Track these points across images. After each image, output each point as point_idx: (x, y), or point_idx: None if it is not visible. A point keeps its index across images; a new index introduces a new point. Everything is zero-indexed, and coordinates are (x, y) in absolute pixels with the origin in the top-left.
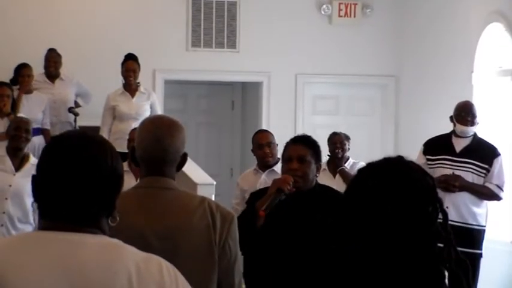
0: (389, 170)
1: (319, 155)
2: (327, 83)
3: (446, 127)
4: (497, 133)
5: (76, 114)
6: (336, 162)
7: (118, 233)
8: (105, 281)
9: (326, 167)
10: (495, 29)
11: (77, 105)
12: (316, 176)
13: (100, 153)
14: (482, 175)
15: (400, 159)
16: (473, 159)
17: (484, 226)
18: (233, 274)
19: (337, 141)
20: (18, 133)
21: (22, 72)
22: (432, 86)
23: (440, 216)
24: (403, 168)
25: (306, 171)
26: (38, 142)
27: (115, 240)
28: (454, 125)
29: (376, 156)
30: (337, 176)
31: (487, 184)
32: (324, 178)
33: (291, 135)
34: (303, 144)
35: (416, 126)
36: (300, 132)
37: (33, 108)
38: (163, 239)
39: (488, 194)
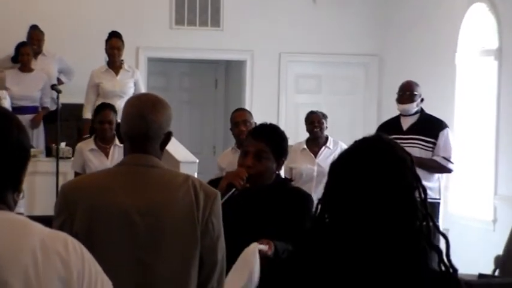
0: (368, 149)
1: (281, 150)
2: (310, 61)
3: (428, 106)
4: (480, 112)
5: (59, 91)
6: (316, 141)
7: (100, 209)
8: (9, 258)
9: (305, 146)
10: (478, 9)
11: (59, 82)
12: (277, 172)
13: (5, 126)
14: (430, 149)
15: (378, 137)
16: (419, 135)
17: (438, 199)
18: (216, 251)
19: (315, 119)
20: None
21: (22, 51)
22: (415, 65)
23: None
24: (382, 146)
25: (260, 170)
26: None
27: (21, 217)
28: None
29: (359, 135)
30: (318, 155)
31: (434, 157)
32: (304, 158)
33: (274, 114)
34: (264, 140)
35: None
36: (282, 111)
37: (30, 86)
38: (146, 216)
39: (436, 167)
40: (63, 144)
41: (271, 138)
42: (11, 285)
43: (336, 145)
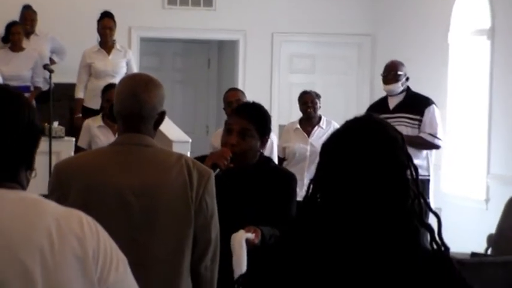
0: (360, 129)
1: (266, 128)
2: (304, 41)
3: (420, 85)
4: (473, 91)
5: (51, 71)
6: (309, 121)
7: (95, 189)
8: (24, 237)
9: (299, 126)
10: None
11: (52, 61)
12: (260, 151)
13: (17, 107)
14: (416, 126)
15: (369, 117)
16: (405, 113)
17: (427, 176)
18: (210, 230)
19: (308, 99)
20: None
21: (12, 30)
22: (408, 45)
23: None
24: (373, 125)
25: (245, 148)
26: None
27: (34, 195)
28: None
29: (352, 115)
30: (311, 134)
31: (420, 134)
32: (298, 137)
33: (267, 94)
34: (248, 117)
35: None
36: (276, 91)
37: (20, 65)
38: (140, 196)
39: (423, 143)
40: (55, 124)
41: (255, 116)
42: (27, 265)
43: (329, 125)
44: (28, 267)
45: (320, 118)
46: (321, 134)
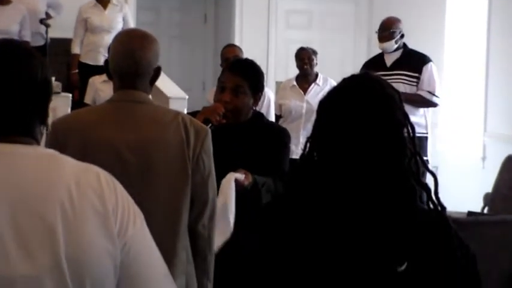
0: (357, 87)
1: (258, 85)
2: None
3: (417, 41)
4: (470, 47)
5: (47, 26)
6: (305, 78)
7: (91, 146)
8: (44, 193)
9: (295, 83)
10: None
11: (48, 16)
12: (253, 108)
13: (31, 64)
14: (414, 84)
15: (366, 75)
16: (403, 70)
17: (425, 133)
18: (207, 188)
19: (305, 56)
20: None
21: None
22: (405, 1)
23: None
24: (370, 83)
25: (238, 105)
26: None
27: (51, 151)
28: None
29: (348, 72)
30: (307, 92)
31: (418, 91)
32: (294, 94)
33: (264, 50)
34: (241, 74)
35: None
36: (272, 47)
37: (7, 20)
38: (136, 152)
39: (420, 101)
40: (52, 79)
41: (249, 73)
42: (48, 220)
43: (325, 82)
44: (49, 222)
45: (317, 75)
46: (318, 91)
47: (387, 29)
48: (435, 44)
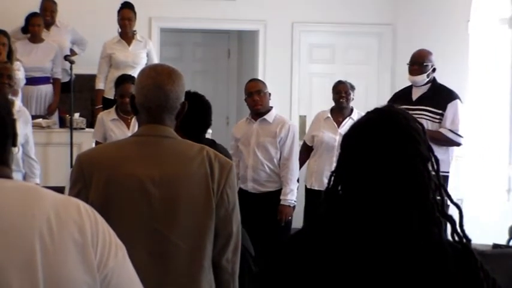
0: (381, 120)
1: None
2: (324, 31)
3: (440, 76)
4: (494, 82)
5: (72, 62)
6: (340, 111)
7: (116, 180)
8: (23, 225)
9: (330, 115)
10: None
11: (72, 53)
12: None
13: None
14: (437, 121)
15: (390, 108)
16: (428, 106)
17: (447, 172)
18: (231, 222)
19: (342, 89)
20: (1, 80)
21: (32, 21)
22: (428, 34)
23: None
24: (394, 116)
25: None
26: (45, 91)
27: (32, 184)
28: None
29: (372, 105)
30: (341, 125)
31: (440, 129)
32: (327, 126)
33: (288, 84)
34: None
35: None
36: (296, 81)
37: (41, 57)
38: (162, 187)
39: (442, 139)
40: (76, 115)
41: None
42: (27, 251)
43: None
44: (28, 254)
45: (352, 110)
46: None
47: (419, 62)
48: (459, 76)
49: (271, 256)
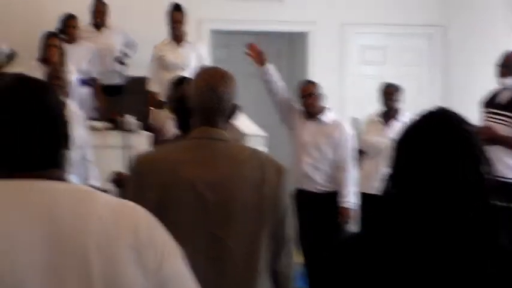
0: (434, 123)
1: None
2: (374, 33)
3: (494, 78)
4: None
5: (123, 64)
6: (389, 114)
7: (170, 184)
8: (79, 228)
9: (379, 118)
10: None
11: (124, 55)
12: None
13: (42, 91)
14: None
15: (443, 110)
16: (507, 111)
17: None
18: (286, 227)
19: (390, 92)
20: (54, 82)
21: (69, 23)
22: (480, 35)
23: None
24: (447, 119)
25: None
26: (85, 92)
27: (85, 187)
28: None
29: (424, 107)
30: (390, 127)
31: None
32: (376, 129)
33: (338, 85)
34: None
35: (464, 77)
36: (347, 82)
37: (78, 58)
38: (215, 190)
39: None
40: (129, 117)
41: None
42: (83, 255)
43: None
44: (82, 257)
45: (401, 112)
46: (400, 127)
47: (506, 65)
48: None
49: (327, 260)
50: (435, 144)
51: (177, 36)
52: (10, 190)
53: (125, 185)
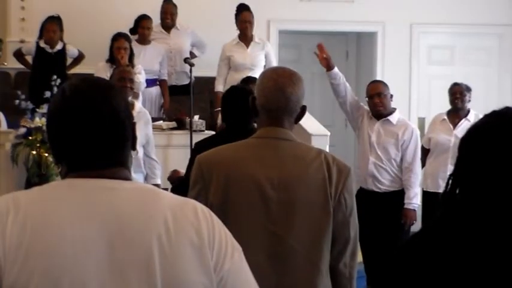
0: (500, 124)
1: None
2: (442, 32)
3: None
4: None
5: (191, 65)
6: (456, 113)
7: (235, 182)
8: (142, 226)
9: (446, 117)
10: None
11: (192, 55)
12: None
13: (110, 92)
14: None
15: (507, 110)
16: None
17: None
18: (349, 227)
19: (457, 91)
20: (123, 83)
21: (142, 23)
22: None
23: None
24: (511, 119)
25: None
26: (154, 92)
27: (150, 186)
28: None
29: (493, 107)
30: (457, 126)
31: None
32: (443, 128)
33: (406, 86)
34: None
35: None
36: (415, 83)
37: (150, 59)
38: (279, 190)
39: None
40: (196, 117)
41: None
42: (146, 253)
43: (476, 119)
44: (146, 255)
45: (469, 111)
46: (467, 127)
47: None
48: None
49: (390, 260)
50: (501, 145)
51: (246, 36)
52: (77, 189)
53: (182, 182)
